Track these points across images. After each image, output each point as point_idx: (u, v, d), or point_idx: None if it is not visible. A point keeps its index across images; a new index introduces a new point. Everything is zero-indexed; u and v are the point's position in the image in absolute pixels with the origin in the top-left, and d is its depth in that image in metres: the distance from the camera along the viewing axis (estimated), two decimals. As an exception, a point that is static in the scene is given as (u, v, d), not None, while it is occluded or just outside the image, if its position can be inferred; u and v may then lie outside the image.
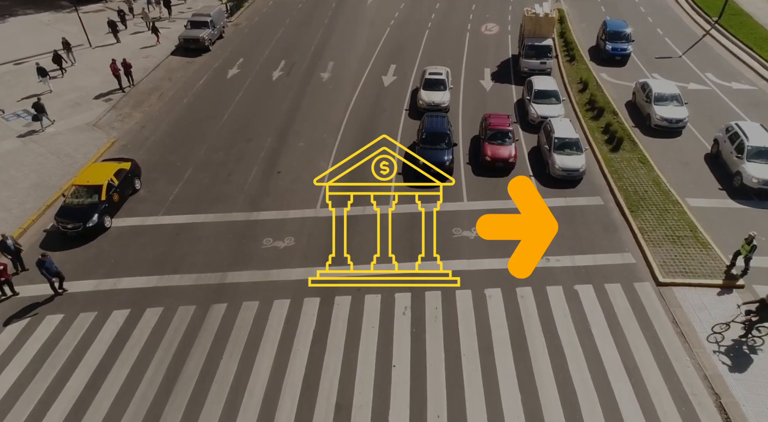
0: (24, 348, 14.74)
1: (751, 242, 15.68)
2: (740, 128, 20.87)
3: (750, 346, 14.27)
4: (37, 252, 18.00)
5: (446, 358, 14.25)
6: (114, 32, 32.77)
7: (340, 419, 12.85)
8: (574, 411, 12.87)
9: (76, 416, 13.00)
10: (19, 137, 24.01)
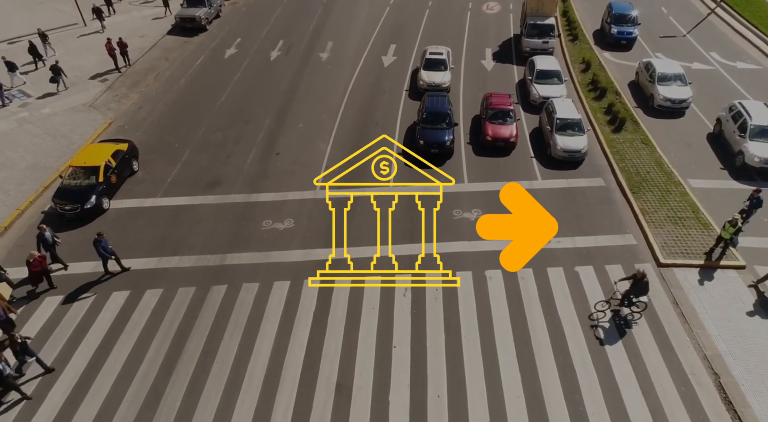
0: (24, 329, 14.72)
1: (735, 225, 15.57)
2: (744, 107, 20.63)
3: (627, 321, 14.52)
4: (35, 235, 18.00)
5: (446, 339, 14.28)
6: (100, 19, 31.12)
7: (340, 399, 12.91)
8: (574, 390, 12.93)
9: (78, 396, 13.05)
10: (14, 117, 23.71)
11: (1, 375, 12.32)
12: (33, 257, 15.02)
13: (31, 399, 12.96)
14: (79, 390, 13.19)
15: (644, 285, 13.97)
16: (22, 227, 18.22)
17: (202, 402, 12.94)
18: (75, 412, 12.72)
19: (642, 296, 14.21)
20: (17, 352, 12.98)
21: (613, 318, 14.64)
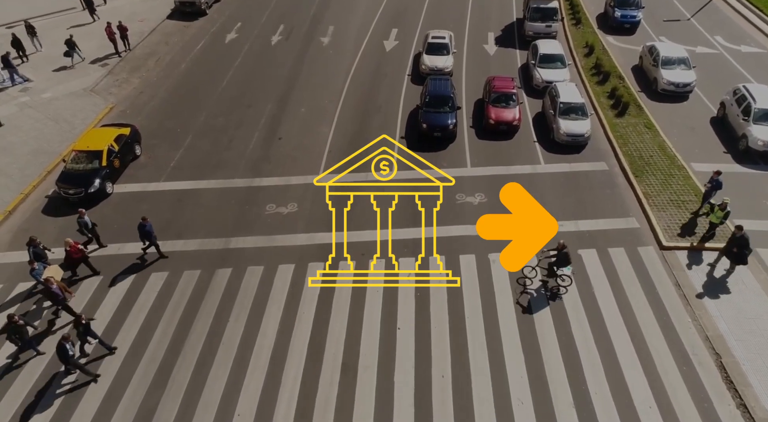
0: (31, 312, 14.84)
1: (725, 209, 15.60)
2: (748, 91, 20.56)
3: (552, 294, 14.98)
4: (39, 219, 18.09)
5: (450, 320, 14.41)
6: (90, 10, 29.86)
7: (346, 379, 13.07)
8: (577, 369, 13.09)
9: (86, 378, 13.19)
10: (15, 102, 23.61)
11: (68, 355, 12.41)
12: (69, 243, 15.00)
13: (98, 377, 13.07)
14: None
15: (563, 256, 14.42)
16: (26, 211, 18.25)
17: (209, 382, 13.10)
18: (84, 393, 12.87)
19: (564, 267, 14.56)
20: (80, 333, 13.06)
21: (541, 288, 15.10)
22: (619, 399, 12.45)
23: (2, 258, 16.36)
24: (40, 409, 12.54)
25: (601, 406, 12.31)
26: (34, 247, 15.13)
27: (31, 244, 15.14)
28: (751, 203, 17.78)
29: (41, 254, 15.21)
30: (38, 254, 15.13)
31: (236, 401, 12.65)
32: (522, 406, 12.37)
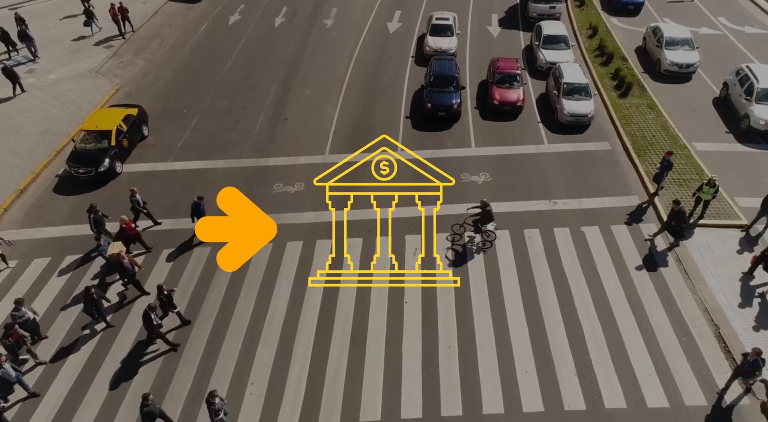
0: (47, 286, 15.19)
1: (714, 185, 15.86)
2: (751, 71, 20.67)
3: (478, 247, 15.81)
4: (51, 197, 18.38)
5: (456, 294, 14.76)
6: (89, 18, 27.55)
7: (355, 350, 13.46)
8: (579, 340, 13.48)
9: (102, 350, 13.59)
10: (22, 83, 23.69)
11: (153, 324, 12.75)
12: (124, 221, 15.28)
13: (178, 346, 13.46)
14: (103, 345, 13.71)
15: (486, 214, 15.44)
16: (37, 190, 18.54)
17: (222, 353, 13.49)
18: (100, 366, 13.26)
19: (488, 224, 15.47)
20: (164, 304, 13.38)
21: (468, 243, 16.01)
22: (620, 368, 12.85)
23: (17, 235, 16.67)
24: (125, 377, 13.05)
25: (603, 375, 12.71)
26: (94, 214, 15.48)
27: (91, 211, 15.50)
28: (752, 182, 18.04)
29: (100, 221, 15.59)
30: (98, 220, 15.52)
31: (249, 370, 13.06)
32: (526, 375, 12.78)
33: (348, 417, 12.12)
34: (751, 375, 11.61)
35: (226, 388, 12.68)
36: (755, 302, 14.27)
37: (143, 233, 16.09)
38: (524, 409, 12.10)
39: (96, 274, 15.55)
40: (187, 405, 12.42)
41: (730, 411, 12.01)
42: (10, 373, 11.90)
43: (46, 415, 12.27)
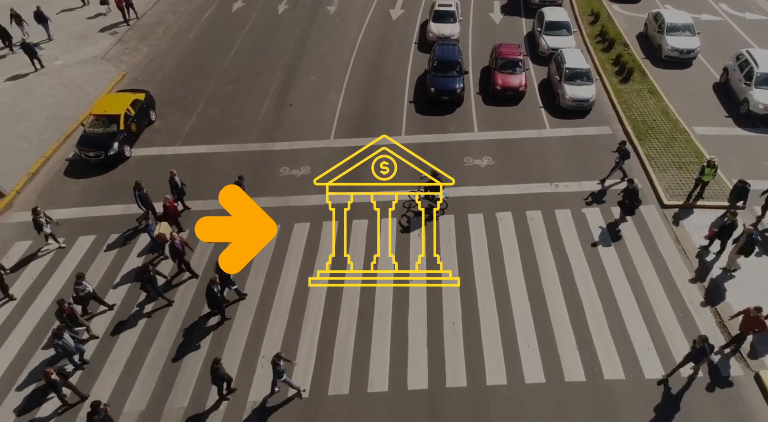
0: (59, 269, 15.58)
1: (714, 166, 16.18)
2: (751, 56, 20.91)
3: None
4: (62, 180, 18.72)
5: (460, 272, 15.15)
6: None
7: (363, 325, 13.87)
8: (580, 316, 13.89)
9: (115, 329, 13.99)
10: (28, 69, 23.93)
11: (216, 296, 13.19)
12: (167, 200, 15.66)
13: (228, 319, 13.97)
14: (117, 322, 14.12)
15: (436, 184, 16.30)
16: (48, 173, 18.88)
17: (233, 329, 13.90)
18: (115, 342, 13.69)
19: (436, 193, 16.38)
20: (223, 279, 13.85)
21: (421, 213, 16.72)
22: (619, 342, 13.27)
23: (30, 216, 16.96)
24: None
25: (602, 348, 13.13)
26: (139, 191, 15.85)
27: (137, 188, 15.87)
28: (751, 164, 18.36)
29: (145, 197, 15.97)
30: (143, 197, 15.92)
31: (260, 345, 13.49)
32: (528, 349, 13.20)
33: (357, 388, 12.55)
34: (699, 361, 11.85)
35: (238, 361, 13.12)
36: (748, 279, 14.66)
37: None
38: (526, 380, 12.54)
39: (118, 252, 15.94)
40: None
41: (724, 381, 12.44)
42: (70, 343, 12.36)
43: (105, 386, 12.68)
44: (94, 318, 14.18)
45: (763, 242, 15.35)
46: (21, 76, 23.51)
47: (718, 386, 12.36)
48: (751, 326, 12.11)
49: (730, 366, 12.73)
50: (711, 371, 12.62)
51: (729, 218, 14.65)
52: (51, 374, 11.38)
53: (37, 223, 15.17)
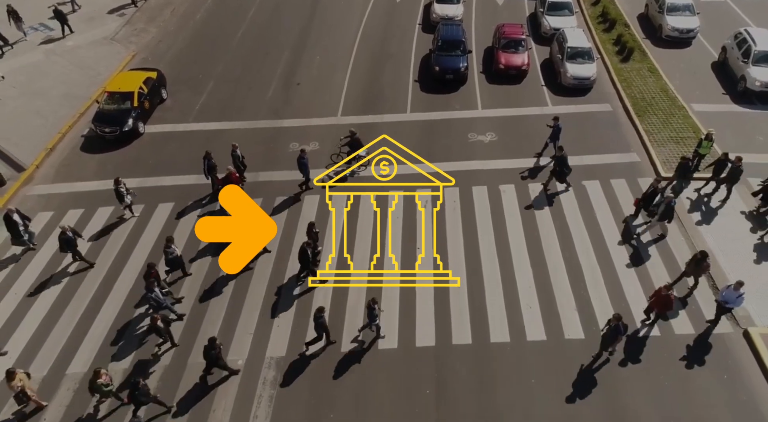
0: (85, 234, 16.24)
1: (711, 139, 16.75)
2: (749, 34, 21.38)
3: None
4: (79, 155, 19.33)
5: (464, 241, 15.79)
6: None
7: (372, 288, 14.56)
8: (579, 280, 14.56)
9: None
10: (40, 50, 24.42)
11: (308, 259, 13.99)
12: (231, 172, 16.29)
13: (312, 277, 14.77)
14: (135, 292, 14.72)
15: (355, 142, 17.28)
16: (65, 149, 19.49)
17: (250, 291, 14.61)
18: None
19: (357, 151, 17.45)
20: (314, 240, 14.60)
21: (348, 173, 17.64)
22: (616, 303, 13.94)
23: (51, 189, 17.73)
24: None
25: (600, 309, 13.79)
26: (209, 160, 16.55)
27: (206, 158, 16.54)
28: (746, 139, 18.93)
29: (213, 168, 16.71)
30: (211, 167, 16.65)
31: (277, 306, 14.19)
32: (530, 310, 13.90)
33: (367, 345, 13.28)
34: (613, 341, 12.19)
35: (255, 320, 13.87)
36: (741, 247, 15.31)
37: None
38: (528, 338, 13.25)
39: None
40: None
41: (717, 338, 13.15)
42: (161, 297, 13.23)
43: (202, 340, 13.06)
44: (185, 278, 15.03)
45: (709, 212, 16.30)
46: (33, 57, 23.97)
47: (708, 342, 13.07)
48: (662, 304, 12.55)
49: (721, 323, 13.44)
50: (700, 326, 13.32)
51: (652, 185, 15.38)
52: (157, 319, 12.32)
53: (118, 193, 15.83)
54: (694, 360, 12.74)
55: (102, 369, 11.54)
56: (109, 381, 11.53)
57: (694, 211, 16.56)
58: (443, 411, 11.96)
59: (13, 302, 14.47)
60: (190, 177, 18.10)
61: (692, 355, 12.84)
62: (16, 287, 14.87)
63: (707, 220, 16.20)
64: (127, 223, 16.56)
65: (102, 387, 11.29)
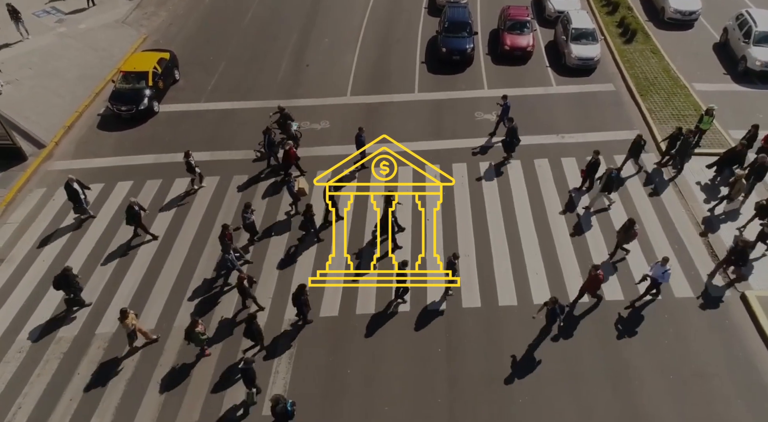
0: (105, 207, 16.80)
1: (712, 114, 17.24)
2: (750, 15, 21.80)
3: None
4: (96, 133, 19.86)
5: (473, 214, 16.35)
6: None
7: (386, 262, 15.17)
8: (584, 248, 15.15)
9: (157, 266, 15.09)
10: (53, 33, 24.84)
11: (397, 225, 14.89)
12: (290, 146, 16.89)
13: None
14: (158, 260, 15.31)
15: (285, 116, 17.94)
16: (82, 127, 20.00)
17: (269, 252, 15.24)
18: (158, 273, 14.95)
19: (291, 122, 18.12)
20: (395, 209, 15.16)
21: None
22: (620, 271, 14.56)
23: (71, 164, 18.29)
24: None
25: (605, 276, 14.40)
26: (269, 135, 17.19)
27: (267, 132, 17.24)
28: (746, 117, 19.34)
29: (273, 143, 17.40)
30: (272, 142, 17.33)
31: (297, 258, 14.86)
32: (537, 276, 14.49)
33: (383, 309, 13.90)
34: (552, 323, 12.52)
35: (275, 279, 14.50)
36: (738, 216, 15.89)
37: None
38: (534, 302, 13.86)
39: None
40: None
41: (715, 300, 13.77)
42: (234, 261, 14.15)
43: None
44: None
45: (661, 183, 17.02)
46: (46, 40, 24.35)
47: (708, 305, 13.68)
48: (591, 284, 13.00)
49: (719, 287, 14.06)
50: (702, 292, 13.94)
51: (593, 157, 16.03)
52: (243, 279, 12.92)
53: (189, 165, 16.47)
54: (692, 322, 13.36)
55: (198, 318, 12.23)
56: (204, 331, 12.27)
57: (696, 184, 17.09)
58: (454, 366, 12.61)
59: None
60: (204, 154, 18.60)
61: (690, 317, 13.45)
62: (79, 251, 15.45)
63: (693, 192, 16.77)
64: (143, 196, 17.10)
65: (199, 335, 12.03)
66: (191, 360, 12.84)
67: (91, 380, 12.47)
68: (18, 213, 16.58)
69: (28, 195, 17.22)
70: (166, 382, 12.44)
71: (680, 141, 16.70)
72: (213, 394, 12.25)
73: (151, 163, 18.31)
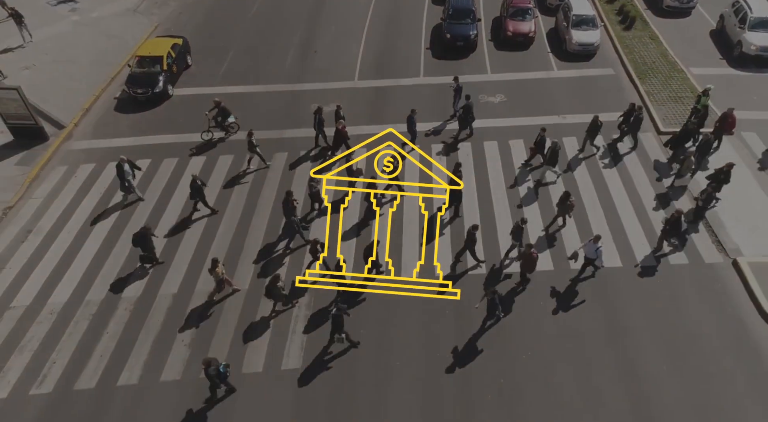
0: (123, 185, 17.52)
1: (707, 94, 17.91)
2: (746, 2, 22.46)
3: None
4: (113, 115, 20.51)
5: (477, 189, 17.06)
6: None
7: (395, 224, 15.87)
8: (584, 221, 15.86)
9: (176, 239, 15.83)
10: (67, 21, 25.52)
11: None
12: (341, 124, 17.47)
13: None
14: (177, 233, 16.09)
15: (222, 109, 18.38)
16: (99, 109, 20.71)
17: (281, 232, 15.93)
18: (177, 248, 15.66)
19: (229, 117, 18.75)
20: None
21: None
22: (619, 244, 15.25)
23: (91, 144, 19.05)
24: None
25: (607, 251, 14.98)
26: (319, 115, 17.79)
27: (317, 113, 17.79)
28: (741, 99, 20.05)
29: (322, 122, 17.96)
30: (321, 122, 17.88)
31: (306, 244, 15.52)
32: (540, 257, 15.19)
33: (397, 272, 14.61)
34: (493, 312, 12.69)
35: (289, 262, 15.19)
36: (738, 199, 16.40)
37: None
38: (538, 269, 14.56)
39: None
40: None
41: (708, 267, 14.49)
42: (299, 223, 15.07)
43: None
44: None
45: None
46: (61, 27, 25.05)
47: (700, 270, 14.41)
48: (526, 263, 13.66)
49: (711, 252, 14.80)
50: (694, 258, 14.67)
51: (540, 134, 16.86)
52: (317, 243, 13.71)
53: (251, 144, 17.11)
54: (686, 287, 14.08)
55: (280, 275, 12.99)
56: (283, 286, 13.15)
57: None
58: (461, 326, 13.35)
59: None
60: (220, 134, 19.28)
61: (685, 283, 14.17)
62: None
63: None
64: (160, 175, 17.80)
65: (280, 290, 12.91)
66: (213, 319, 13.59)
67: (120, 338, 13.22)
68: (42, 189, 17.31)
69: (51, 172, 17.95)
70: (191, 337, 13.17)
71: (633, 117, 17.58)
72: (234, 348, 12.97)
73: (169, 143, 19.01)
